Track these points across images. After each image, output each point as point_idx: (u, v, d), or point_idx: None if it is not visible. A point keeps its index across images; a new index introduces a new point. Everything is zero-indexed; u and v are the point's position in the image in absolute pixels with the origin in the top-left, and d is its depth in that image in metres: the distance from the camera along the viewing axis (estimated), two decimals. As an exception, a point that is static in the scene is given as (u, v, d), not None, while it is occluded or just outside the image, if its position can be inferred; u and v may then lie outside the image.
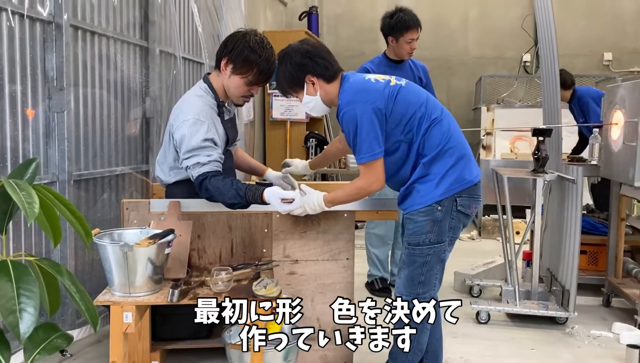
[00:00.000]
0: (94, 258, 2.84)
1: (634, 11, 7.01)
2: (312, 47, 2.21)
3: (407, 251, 2.20)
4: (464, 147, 2.21)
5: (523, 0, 7.16)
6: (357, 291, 2.76)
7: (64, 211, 1.21)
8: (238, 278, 2.17)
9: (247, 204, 2.25)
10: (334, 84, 2.21)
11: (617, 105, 3.32)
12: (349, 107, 2.11)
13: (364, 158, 2.12)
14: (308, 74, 2.18)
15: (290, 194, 2.20)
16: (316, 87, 2.20)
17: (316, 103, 2.23)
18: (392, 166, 2.20)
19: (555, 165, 3.60)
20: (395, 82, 2.20)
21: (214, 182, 2.24)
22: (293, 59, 2.18)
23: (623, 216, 3.67)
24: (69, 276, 1.23)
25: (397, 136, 2.15)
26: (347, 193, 2.21)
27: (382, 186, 2.18)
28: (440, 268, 2.22)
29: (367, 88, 2.15)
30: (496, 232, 5.80)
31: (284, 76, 2.22)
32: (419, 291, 2.20)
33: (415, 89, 2.25)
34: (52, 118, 2.68)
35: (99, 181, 3.03)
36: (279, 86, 2.29)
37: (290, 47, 2.23)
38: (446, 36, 7.33)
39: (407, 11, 3.51)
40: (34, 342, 1.15)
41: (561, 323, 3.30)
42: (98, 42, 2.97)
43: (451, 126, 2.21)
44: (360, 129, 2.09)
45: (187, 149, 2.30)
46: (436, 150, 2.15)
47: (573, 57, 6.81)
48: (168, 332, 2.53)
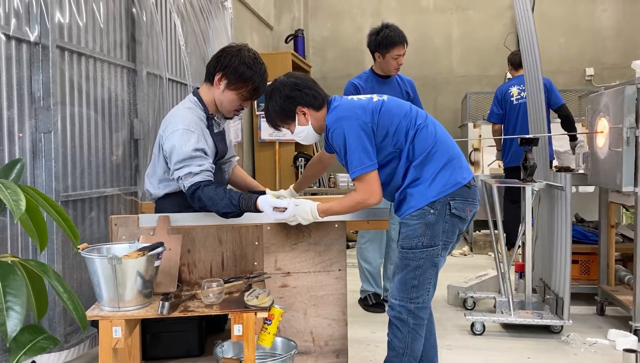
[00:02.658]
0: (82, 277, 2.80)
1: (612, 28, 7.18)
2: (299, 79, 2.28)
3: (401, 254, 2.21)
4: (453, 148, 2.25)
5: (505, 19, 7.32)
6: (351, 307, 2.74)
7: (50, 211, 1.20)
8: (229, 290, 2.14)
9: (240, 213, 2.24)
10: (323, 110, 2.27)
11: (601, 112, 3.37)
12: (336, 125, 2.17)
13: (356, 172, 2.14)
14: (298, 105, 2.24)
15: (283, 203, 2.20)
16: (307, 117, 2.26)
17: (308, 132, 2.29)
18: (386, 177, 2.23)
19: (543, 174, 3.63)
20: (378, 98, 2.28)
21: (207, 191, 2.24)
22: (282, 93, 2.24)
23: (613, 224, 3.70)
24: (56, 276, 1.20)
25: (388, 149, 2.20)
26: (342, 205, 2.22)
27: (379, 200, 2.19)
28: (434, 272, 2.21)
29: (351, 106, 2.22)
30: (487, 247, 5.81)
31: (275, 111, 2.27)
32: (412, 296, 2.19)
33: (397, 102, 2.32)
34: (39, 138, 2.66)
35: (87, 201, 3.00)
36: (270, 121, 2.34)
37: (277, 82, 2.29)
38: (431, 55, 7.45)
39: (393, 27, 3.57)
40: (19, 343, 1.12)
41: (556, 332, 3.29)
42: (85, 63, 2.97)
43: (437, 130, 2.25)
44: (349, 145, 2.13)
45: (178, 160, 2.30)
46: (424, 153, 2.18)
47: (555, 73, 6.93)
48: (159, 351, 2.48)
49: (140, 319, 2.14)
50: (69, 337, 2.71)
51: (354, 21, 7.61)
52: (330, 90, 2.40)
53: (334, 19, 7.67)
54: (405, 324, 2.20)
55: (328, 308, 2.47)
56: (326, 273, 2.46)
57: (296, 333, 2.44)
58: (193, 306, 2.00)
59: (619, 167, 3.06)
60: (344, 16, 7.65)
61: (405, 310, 2.19)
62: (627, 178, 3.03)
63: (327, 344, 2.47)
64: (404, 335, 2.20)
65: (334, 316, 2.47)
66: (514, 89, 5.10)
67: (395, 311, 2.22)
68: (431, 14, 7.50)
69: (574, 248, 3.53)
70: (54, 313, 2.60)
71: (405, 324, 2.20)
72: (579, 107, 6.59)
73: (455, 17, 7.49)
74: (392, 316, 2.24)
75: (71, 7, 2.81)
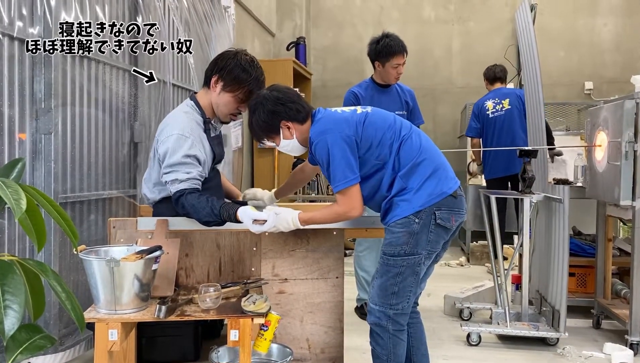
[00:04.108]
0: (79, 278, 2.79)
1: (612, 42, 7.22)
2: (282, 93, 2.27)
3: (382, 260, 2.21)
4: (438, 158, 2.26)
5: (505, 31, 7.36)
6: (347, 315, 2.74)
7: (51, 211, 1.20)
8: (226, 296, 2.14)
9: (222, 222, 2.25)
10: (307, 123, 2.27)
11: (600, 126, 3.38)
12: (319, 138, 2.17)
13: (339, 186, 2.15)
14: (282, 119, 2.24)
15: (263, 215, 2.19)
16: (292, 131, 2.26)
17: (293, 146, 2.30)
18: (370, 189, 2.24)
19: (541, 186, 3.64)
20: (362, 110, 2.28)
21: (190, 199, 2.25)
22: (265, 108, 2.23)
23: (610, 237, 3.70)
24: (55, 276, 1.20)
25: (372, 161, 2.20)
26: (324, 215, 2.23)
27: (360, 213, 2.21)
28: (415, 280, 2.21)
29: (335, 119, 2.22)
30: (485, 258, 5.81)
31: (259, 125, 2.27)
32: (392, 302, 2.19)
33: (381, 113, 2.31)
34: (40, 140, 2.66)
35: (86, 204, 3.00)
36: (254, 134, 2.34)
37: (260, 96, 2.28)
38: (431, 66, 7.48)
39: (393, 37, 3.59)
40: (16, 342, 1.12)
41: (552, 345, 3.28)
42: (87, 65, 2.98)
43: (422, 140, 2.26)
44: (332, 158, 2.14)
45: (168, 164, 2.32)
46: (410, 163, 2.19)
47: (554, 86, 6.97)
48: (154, 355, 2.47)
49: (137, 322, 2.14)
50: (64, 339, 2.70)
51: (355, 30, 7.64)
52: (330, 98, 2.41)
53: (335, 28, 7.70)
54: (385, 330, 2.20)
55: (325, 316, 2.47)
56: (323, 281, 2.47)
57: (292, 340, 2.44)
58: (190, 311, 2.00)
59: (617, 181, 3.08)
60: (345, 25, 7.69)
61: (384, 315, 2.19)
62: (625, 191, 3.04)
63: (323, 351, 2.47)
64: (385, 341, 2.21)
65: (330, 323, 2.47)
66: (489, 103, 5.15)
67: (374, 317, 2.22)
68: (432, 25, 7.54)
69: (571, 260, 3.54)
70: (50, 315, 2.59)
71: (386, 330, 2.20)
72: (578, 120, 6.62)
73: (456, 29, 7.53)
74: (371, 322, 2.24)
75: (75, 9, 2.82)
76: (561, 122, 6.65)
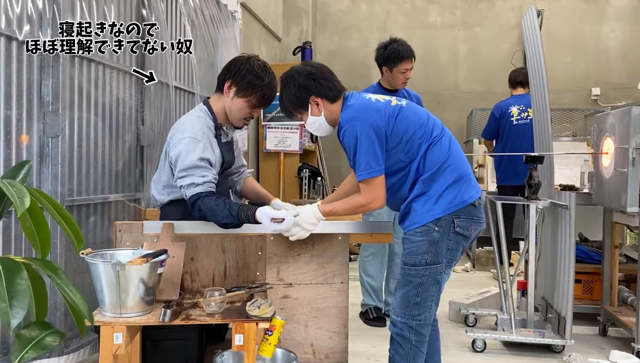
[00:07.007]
0: (84, 282, 2.79)
1: (618, 48, 7.20)
2: (315, 68, 2.24)
3: (403, 271, 2.18)
4: (464, 166, 2.21)
5: (511, 37, 7.35)
6: (351, 321, 2.73)
7: (55, 214, 1.20)
8: (231, 300, 2.13)
9: (239, 224, 2.25)
10: (338, 103, 2.23)
11: (607, 132, 3.37)
12: (349, 124, 2.13)
13: (362, 175, 2.12)
14: (312, 95, 2.21)
15: (281, 214, 2.19)
16: (320, 108, 2.22)
17: (320, 123, 2.25)
18: (392, 185, 2.20)
19: (547, 193, 3.62)
20: (396, 103, 2.23)
21: (207, 202, 2.25)
22: (297, 81, 2.21)
23: (617, 244, 3.68)
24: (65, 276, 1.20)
25: (398, 155, 2.16)
26: (344, 207, 2.21)
27: (382, 204, 2.17)
28: (437, 290, 2.19)
29: (368, 107, 2.17)
30: (490, 264, 5.78)
31: (288, 98, 2.24)
32: (414, 313, 2.16)
33: (415, 108, 2.26)
34: (47, 143, 2.67)
35: (91, 206, 3.01)
36: (283, 108, 2.31)
37: (293, 69, 2.26)
38: (437, 71, 7.48)
39: (401, 42, 3.59)
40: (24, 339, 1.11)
41: (558, 352, 3.26)
42: (94, 69, 2.99)
43: (452, 145, 2.21)
44: (359, 146, 2.10)
45: (182, 168, 2.32)
46: (435, 168, 2.15)
47: (561, 92, 6.96)
48: (159, 359, 2.47)
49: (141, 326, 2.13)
50: (69, 342, 2.70)
51: (361, 35, 7.66)
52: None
53: (341, 33, 7.71)
54: (407, 341, 2.17)
55: (329, 321, 2.46)
56: (328, 286, 2.46)
57: (297, 345, 2.43)
58: (194, 315, 2.00)
59: (624, 187, 3.06)
60: (351, 30, 7.70)
61: (407, 327, 2.17)
62: (632, 198, 3.02)
63: (328, 357, 2.46)
64: (405, 352, 2.18)
65: (335, 329, 2.46)
66: (514, 109, 5.09)
67: (397, 328, 2.20)
68: (438, 30, 7.55)
69: (577, 267, 3.52)
70: (55, 318, 2.59)
71: (408, 341, 2.17)
72: (584, 126, 6.60)
73: (462, 34, 7.53)
74: (394, 333, 2.22)
75: (83, 12, 2.84)
76: (568, 128, 6.63)
